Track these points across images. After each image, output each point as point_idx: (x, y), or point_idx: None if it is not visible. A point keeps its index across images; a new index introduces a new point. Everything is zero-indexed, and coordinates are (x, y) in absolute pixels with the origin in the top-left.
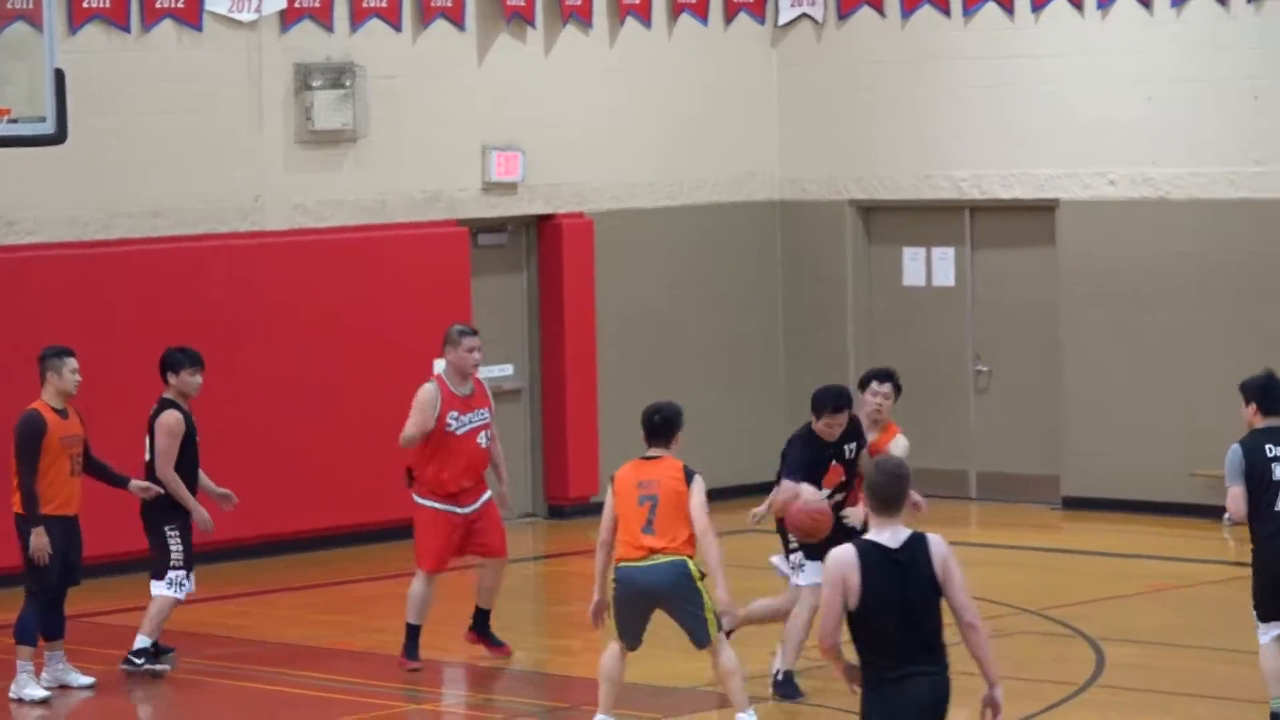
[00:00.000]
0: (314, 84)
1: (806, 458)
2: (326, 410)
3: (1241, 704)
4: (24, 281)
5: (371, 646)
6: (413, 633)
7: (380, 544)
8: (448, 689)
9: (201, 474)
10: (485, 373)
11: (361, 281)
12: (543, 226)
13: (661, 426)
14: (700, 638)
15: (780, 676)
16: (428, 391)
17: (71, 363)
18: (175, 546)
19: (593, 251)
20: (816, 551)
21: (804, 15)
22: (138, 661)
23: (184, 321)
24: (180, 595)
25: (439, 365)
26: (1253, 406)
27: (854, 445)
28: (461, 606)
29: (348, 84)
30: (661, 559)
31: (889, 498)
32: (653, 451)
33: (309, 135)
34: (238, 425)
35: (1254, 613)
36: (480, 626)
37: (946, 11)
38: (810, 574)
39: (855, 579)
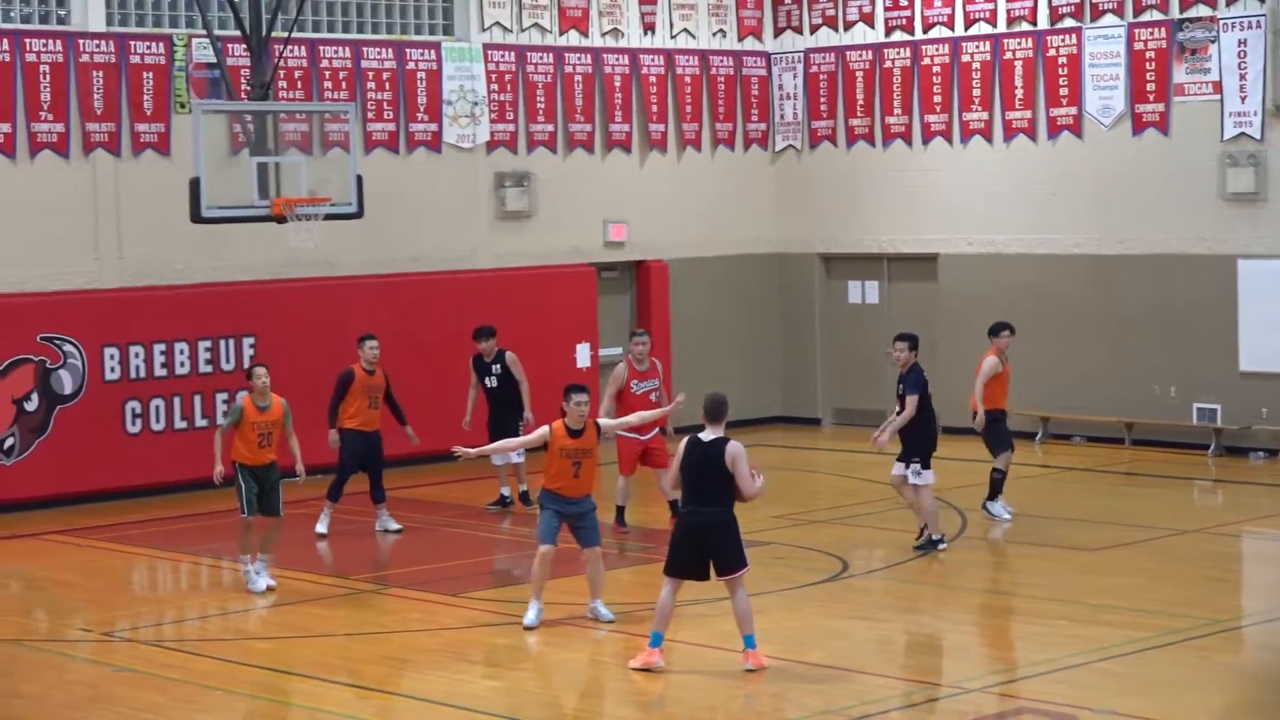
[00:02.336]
0: (506, 184)
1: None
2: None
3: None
4: (333, 299)
5: None
6: (619, 511)
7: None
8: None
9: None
10: (604, 353)
11: (535, 296)
12: (639, 268)
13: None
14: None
15: (938, 538)
16: (619, 368)
17: (371, 342)
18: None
19: (668, 282)
20: (928, 463)
21: (790, 146)
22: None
23: (435, 321)
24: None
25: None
26: None
27: (900, 385)
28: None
29: (525, 184)
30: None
31: (711, 413)
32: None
33: (503, 214)
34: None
35: None
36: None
37: (873, 144)
38: (926, 477)
39: (682, 454)
